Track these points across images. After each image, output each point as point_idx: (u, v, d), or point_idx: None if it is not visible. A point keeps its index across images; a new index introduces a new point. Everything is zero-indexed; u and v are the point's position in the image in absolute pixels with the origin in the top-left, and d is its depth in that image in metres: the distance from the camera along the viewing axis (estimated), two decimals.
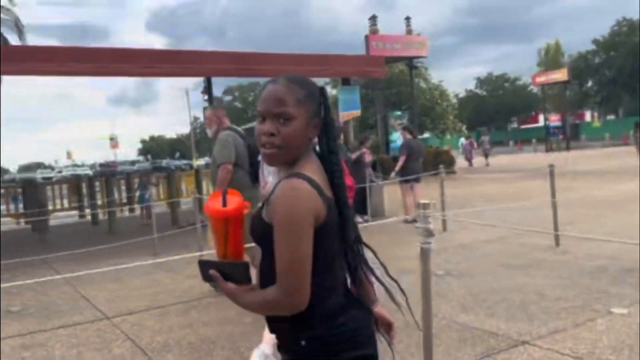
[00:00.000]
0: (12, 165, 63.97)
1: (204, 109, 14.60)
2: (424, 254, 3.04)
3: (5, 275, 6.89)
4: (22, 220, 12.97)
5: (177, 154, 66.76)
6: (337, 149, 1.49)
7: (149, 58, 8.57)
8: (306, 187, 1.34)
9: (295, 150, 1.41)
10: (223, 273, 1.40)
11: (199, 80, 14.13)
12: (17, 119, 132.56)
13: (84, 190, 13.96)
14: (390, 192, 10.66)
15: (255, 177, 5.06)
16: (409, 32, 21.49)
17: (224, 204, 1.42)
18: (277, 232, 1.33)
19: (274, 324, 1.45)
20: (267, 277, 1.39)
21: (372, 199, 9.97)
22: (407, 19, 21.75)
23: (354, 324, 1.41)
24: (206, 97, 13.60)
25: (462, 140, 30.40)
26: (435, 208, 4.27)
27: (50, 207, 12.78)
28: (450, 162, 20.16)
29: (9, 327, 4.78)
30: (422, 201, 3.04)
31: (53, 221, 12.64)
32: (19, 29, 27.35)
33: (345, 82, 11.09)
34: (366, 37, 19.51)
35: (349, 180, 4.08)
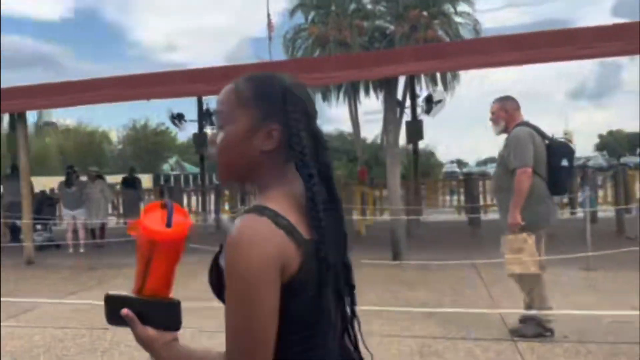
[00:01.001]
0: (471, 159, 70.18)
1: None
2: None
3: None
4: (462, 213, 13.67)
5: (639, 150, 59.29)
6: (330, 170, 1.10)
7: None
8: (267, 227, 0.98)
9: (237, 165, 1.10)
10: (142, 314, 1.08)
11: None
12: (476, 117, 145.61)
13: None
14: None
15: (555, 187, 4.06)
16: None
17: (169, 224, 1.10)
18: (227, 287, 1.00)
19: None
20: None
21: None
22: None
23: None
24: None
25: None
26: None
27: (482, 203, 12.92)
28: None
29: (416, 325, 4.76)
30: None
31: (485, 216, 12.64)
32: (476, 31, 30.07)
33: None
34: None
35: None
